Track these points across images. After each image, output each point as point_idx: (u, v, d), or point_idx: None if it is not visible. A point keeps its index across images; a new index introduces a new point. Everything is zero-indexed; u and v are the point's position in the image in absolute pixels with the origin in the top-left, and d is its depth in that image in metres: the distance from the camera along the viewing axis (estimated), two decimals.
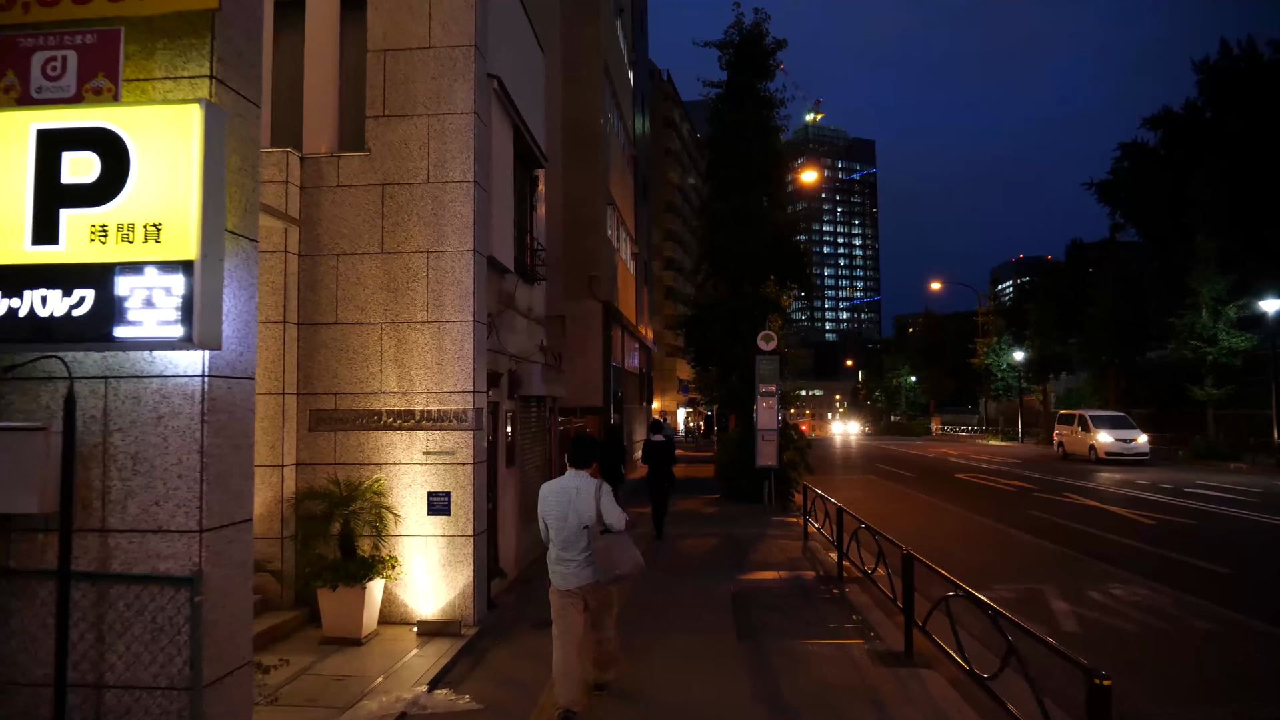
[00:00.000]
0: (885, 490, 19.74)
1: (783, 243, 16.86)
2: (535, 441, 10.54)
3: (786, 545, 11.48)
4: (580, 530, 4.97)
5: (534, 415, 10.49)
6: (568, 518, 4.98)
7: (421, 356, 7.24)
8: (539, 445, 10.75)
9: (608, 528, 5.01)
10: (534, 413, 10.49)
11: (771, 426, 14.89)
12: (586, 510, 4.96)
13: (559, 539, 5.05)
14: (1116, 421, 28.52)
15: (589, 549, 4.99)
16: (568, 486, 5.08)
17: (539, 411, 10.77)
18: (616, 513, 5.03)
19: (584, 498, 4.99)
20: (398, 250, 7.34)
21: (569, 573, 5.02)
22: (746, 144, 17.40)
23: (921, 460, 30.89)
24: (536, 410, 10.63)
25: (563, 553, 5.04)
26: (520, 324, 9.81)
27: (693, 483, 21.03)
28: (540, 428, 10.84)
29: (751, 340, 16.72)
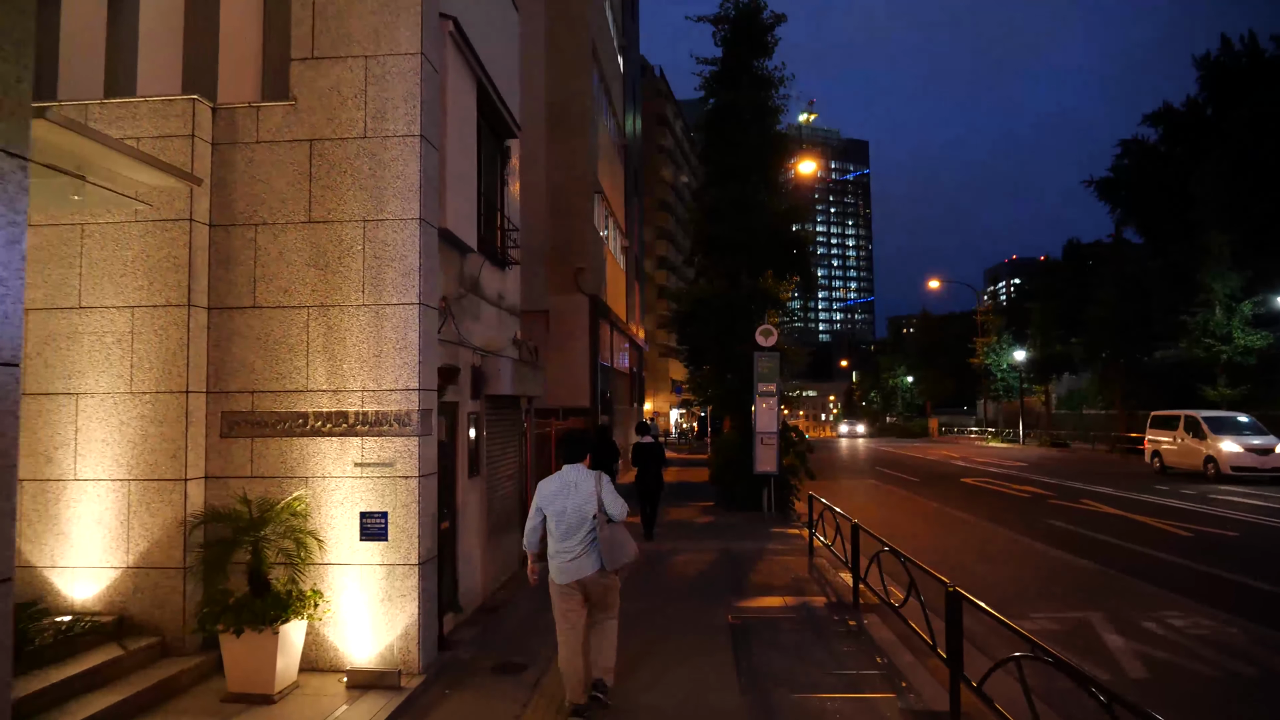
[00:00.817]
0: (890, 497, 18.54)
1: (782, 232, 15.64)
2: (507, 447, 9.29)
3: (790, 562, 10.25)
4: (581, 522, 4.99)
5: (505, 418, 9.24)
6: (567, 510, 5.01)
7: (356, 347, 5.99)
8: (512, 451, 9.50)
9: (610, 518, 5.03)
10: (505, 415, 9.24)
11: (771, 429, 13.67)
12: (588, 502, 5.00)
13: (558, 531, 5.04)
14: (1243, 426, 21.46)
15: (590, 540, 4.99)
16: (567, 480, 5.13)
17: (512, 413, 9.52)
18: (618, 503, 5.08)
19: (584, 489, 5.05)
20: (328, 219, 6.09)
21: (569, 566, 5.02)
22: (743, 126, 16.18)
23: (923, 463, 29.73)
24: (509, 412, 9.38)
25: (563, 546, 5.03)
26: (488, 313, 8.57)
27: (685, 488, 19.79)
28: (513, 432, 9.59)
29: (748, 336, 15.49)
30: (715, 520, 14.26)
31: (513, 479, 9.60)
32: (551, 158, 18.23)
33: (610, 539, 4.98)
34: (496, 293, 9.01)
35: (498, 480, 8.89)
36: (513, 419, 9.61)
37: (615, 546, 4.98)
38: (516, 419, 9.79)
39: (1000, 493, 18.82)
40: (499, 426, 8.98)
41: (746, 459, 15.26)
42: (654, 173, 77.37)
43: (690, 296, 16.12)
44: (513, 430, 9.63)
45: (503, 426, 9.15)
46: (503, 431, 9.15)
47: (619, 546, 5.00)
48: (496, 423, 8.86)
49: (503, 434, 9.15)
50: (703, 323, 15.53)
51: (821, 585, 8.92)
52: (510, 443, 9.50)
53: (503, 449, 9.13)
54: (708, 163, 16.85)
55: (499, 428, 8.98)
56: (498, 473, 8.90)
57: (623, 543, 5.03)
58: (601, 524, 4.98)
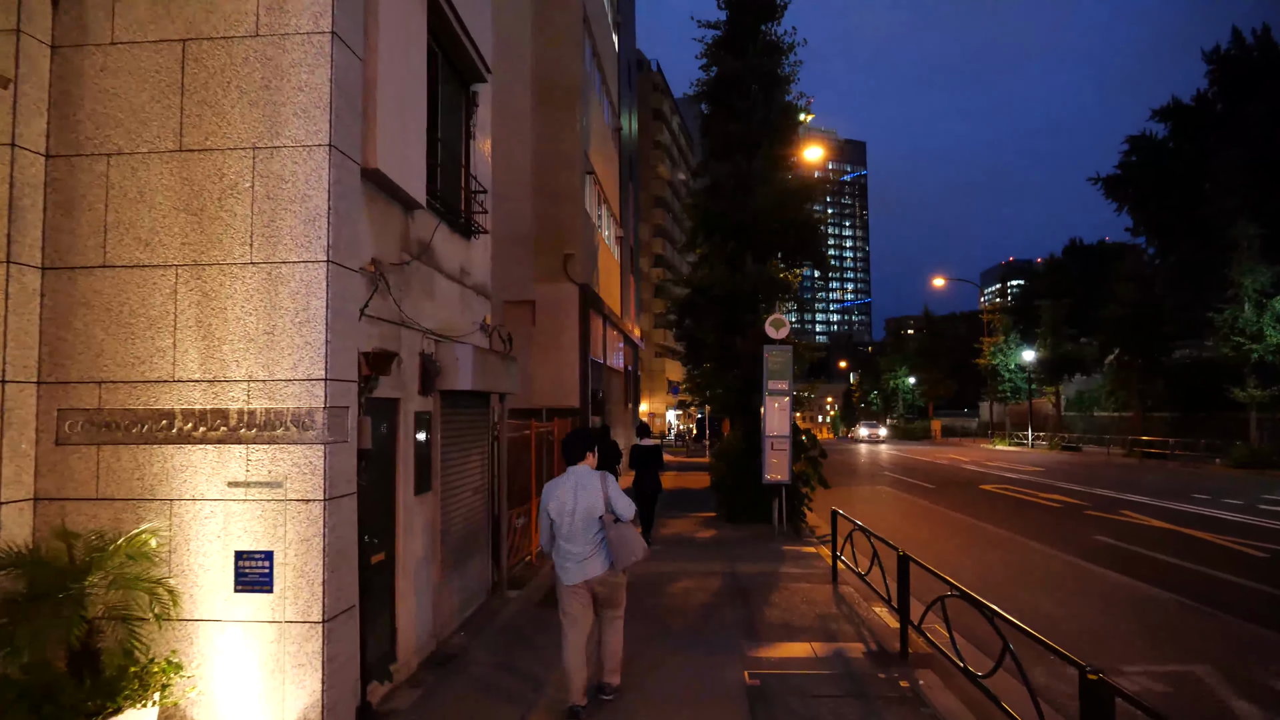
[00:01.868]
0: (910, 507, 16.94)
1: (792, 212, 14.02)
2: (471, 454, 7.66)
3: (811, 592, 8.63)
4: (588, 522, 4.97)
5: (469, 419, 7.62)
6: (575, 511, 4.96)
7: (241, 321, 4.37)
8: (476, 460, 7.87)
9: (617, 517, 5.01)
10: (469, 415, 7.61)
11: (783, 433, 12.06)
12: (594, 501, 4.98)
13: (563, 532, 5.02)
14: None
15: (598, 540, 4.99)
16: (571, 481, 5.06)
17: (477, 414, 7.89)
18: (624, 502, 5.07)
19: (590, 489, 5.01)
20: (206, 146, 4.47)
21: (575, 566, 4.99)
22: (749, 96, 14.58)
23: (933, 468, 28.14)
24: (473, 412, 7.75)
25: (568, 546, 5.00)
26: (445, 290, 6.94)
27: (683, 496, 18.16)
28: (479, 436, 7.96)
29: (753, 328, 13.90)
30: (718, 535, 12.64)
31: (480, 492, 7.97)
32: (539, 134, 16.62)
33: (618, 538, 4.97)
34: (458, 266, 7.38)
35: (458, 495, 7.25)
36: (479, 420, 7.98)
37: (624, 546, 4.98)
38: (484, 420, 8.15)
39: (1028, 502, 17.22)
40: (460, 429, 7.34)
41: (752, 466, 13.66)
42: (650, 169, 75.80)
43: (689, 284, 14.45)
44: (479, 434, 7.99)
45: (465, 429, 7.52)
46: (465, 435, 7.52)
47: (627, 546, 4.99)
48: (456, 425, 7.22)
49: (465, 438, 7.51)
50: (703, 314, 13.91)
51: (855, 625, 7.30)
52: (476, 449, 7.87)
53: (465, 457, 7.49)
54: (707, 135, 15.22)
55: (460, 431, 7.34)
56: (458, 486, 7.26)
57: (631, 542, 5.01)
58: (609, 524, 4.98)
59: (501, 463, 8.48)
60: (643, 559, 5.09)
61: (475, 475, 7.83)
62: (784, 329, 12.28)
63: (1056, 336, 40.17)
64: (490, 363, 7.39)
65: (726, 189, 13.95)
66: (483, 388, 7.15)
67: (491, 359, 7.47)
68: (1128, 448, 33.82)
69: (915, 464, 30.26)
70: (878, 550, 7.41)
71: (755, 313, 13.73)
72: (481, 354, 7.09)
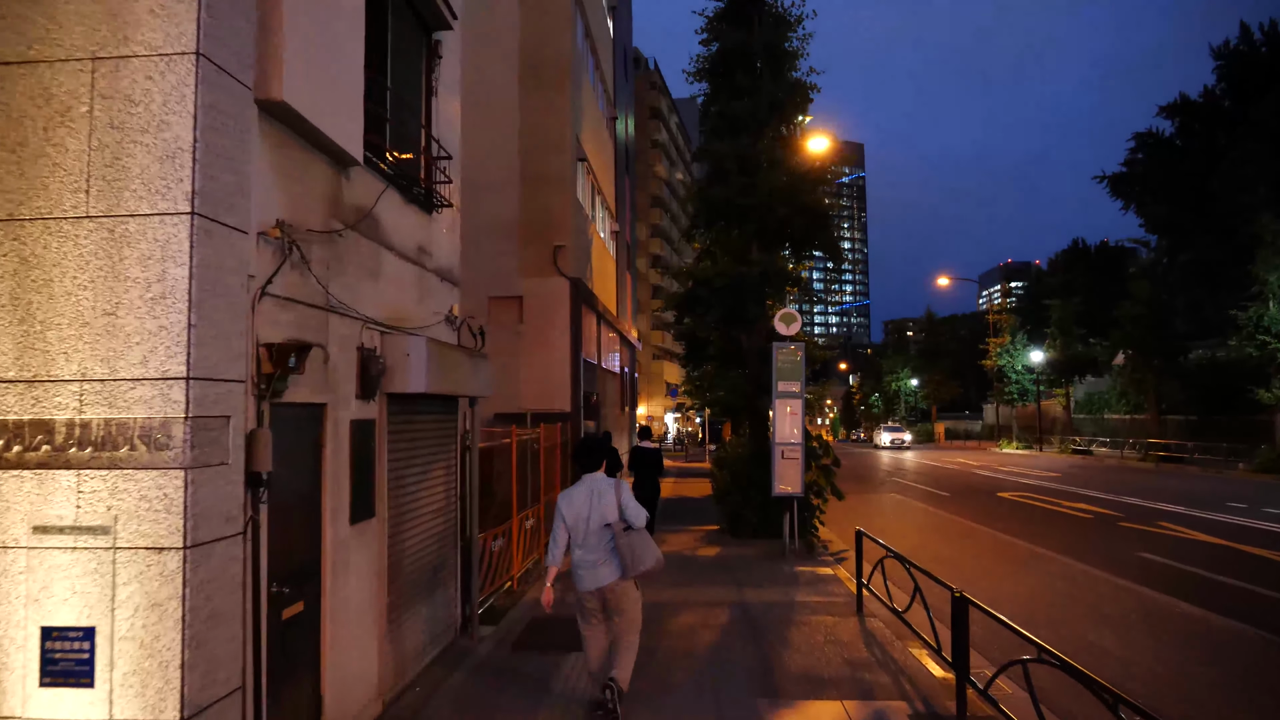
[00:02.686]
0: (925, 518, 15.71)
1: (802, 196, 12.80)
2: (430, 470, 6.42)
3: (834, 628, 7.40)
4: (602, 529, 4.99)
5: (428, 427, 6.39)
6: (590, 518, 4.99)
7: (72, 297, 3.14)
8: (440, 476, 6.63)
9: (630, 525, 5.03)
10: (428, 423, 6.38)
11: (794, 439, 10.83)
12: (609, 509, 5.00)
13: (578, 539, 5.04)
14: None
15: (609, 548, 4.99)
16: (586, 489, 5.09)
17: (438, 421, 6.65)
18: (636, 509, 5.09)
19: (605, 496, 5.05)
20: (29, 58, 3.24)
21: (589, 573, 5.01)
22: (754, 72, 13.37)
23: (944, 473, 26.93)
24: (434, 419, 6.52)
25: (582, 554, 5.03)
26: (396, 271, 5.72)
27: (683, 507, 16.93)
28: (442, 447, 6.72)
29: (758, 324, 12.69)
30: (722, 552, 11.41)
31: (444, 513, 6.73)
32: (527, 116, 15.40)
33: (628, 546, 4.97)
34: (415, 244, 6.16)
35: (414, 519, 6.02)
36: (443, 429, 6.74)
37: (634, 553, 4.97)
38: (449, 429, 6.91)
39: (1055, 512, 16.00)
40: (417, 440, 6.11)
41: (759, 476, 12.43)
42: (648, 168, 74.62)
43: (690, 276, 13.20)
44: (443, 445, 6.76)
45: (424, 440, 6.29)
46: (424, 447, 6.29)
47: (637, 553, 4.98)
48: (412, 435, 5.99)
49: (424, 451, 6.28)
50: (704, 309, 12.66)
51: (892, 673, 6.06)
52: (439, 463, 6.64)
53: (424, 473, 6.26)
54: (708, 116, 13.97)
55: (417, 442, 6.11)
56: (414, 508, 6.03)
57: (642, 549, 5.00)
58: (619, 532, 4.99)
59: (473, 477, 7.24)
60: (654, 568, 5.04)
61: (438, 494, 6.59)
62: (795, 324, 11.06)
63: (1067, 337, 38.97)
64: (454, 361, 6.15)
65: (729, 172, 12.73)
66: (443, 389, 5.91)
67: (456, 356, 6.23)
68: (1142, 452, 32.63)
69: (924, 469, 29.04)
70: (919, 583, 6.18)
71: (762, 306, 12.51)
72: (442, 350, 5.86)
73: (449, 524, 6.83)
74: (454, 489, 6.98)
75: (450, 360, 6.03)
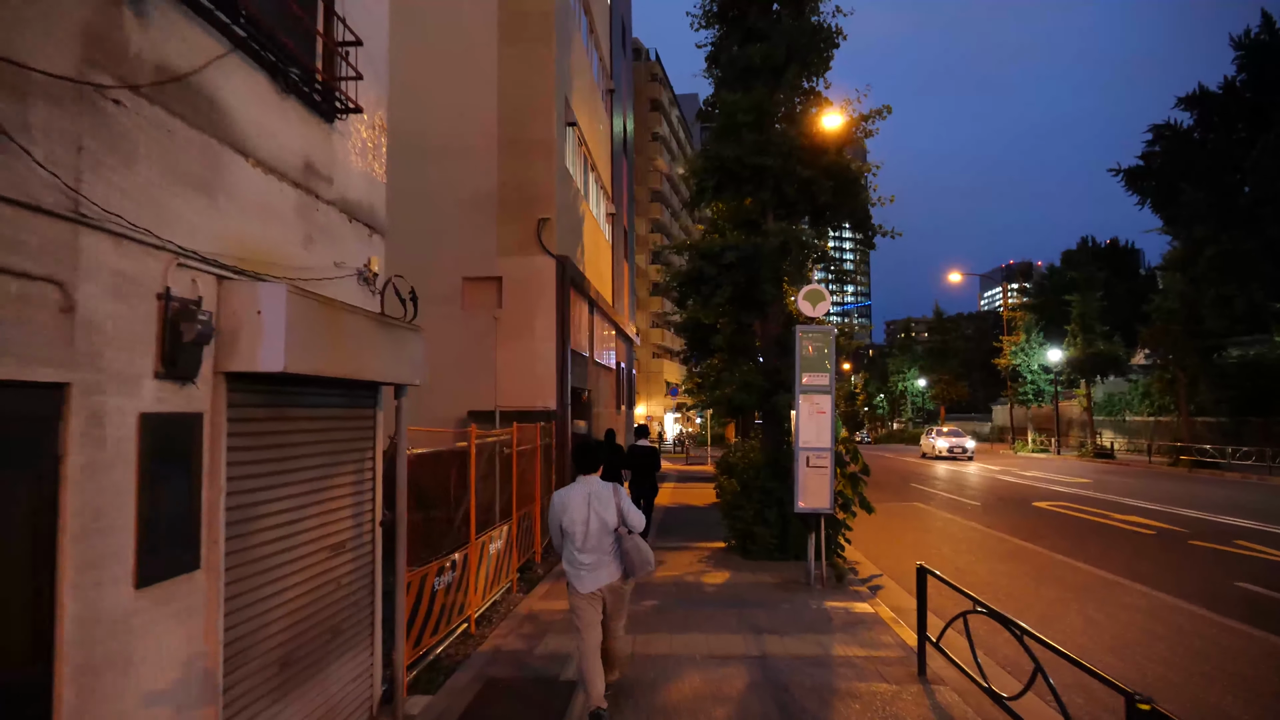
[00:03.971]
0: (960, 532, 13.75)
1: (826, 156, 10.85)
2: (328, 489, 4.47)
3: (893, 701, 5.45)
4: (603, 533, 5.01)
5: (318, 429, 4.43)
6: (589, 521, 5.00)
7: None
8: (343, 496, 4.67)
9: (630, 529, 5.08)
10: (318, 423, 4.43)
11: (823, 444, 8.87)
12: (609, 513, 5.02)
13: (579, 542, 5.03)
14: None
15: (611, 550, 5.04)
16: (584, 492, 5.08)
17: (343, 418, 4.70)
18: (636, 514, 5.14)
19: (604, 501, 5.05)
20: None
21: (589, 575, 5.03)
22: (770, 11, 11.41)
23: (965, 479, 24.97)
24: (332, 418, 4.57)
25: (583, 556, 5.03)
26: (257, 189, 3.79)
27: (684, 518, 14.99)
28: (348, 455, 4.76)
29: (774, 308, 10.76)
30: (732, 580, 9.46)
31: (347, 550, 4.77)
32: (507, 70, 13.47)
33: (634, 549, 5.05)
34: (298, 159, 4.22)
35: (283, 567, 4.06)
36: (343, 430, 4.78)
37: (638, 556, 5.05)
38: (355, 430, 4.95)
39: (1107, 527, 14.04)
40: (291, 447, 4.16)
41: (775, 486, 10.51)
42: (648, 161, 72.63)
43: (693, 251, 11.22)
44: (349, 452, 4.81)
45: (306, 446, 4.33)
46: (308, 457, 4.33)
47: (641, 556, 5.06)
48: (281, 439, 4.05)
49: (308, 462, 4.33)
50: (712, 288, 10.69)
51: None
52: (341, 478, 4.68)
53: (307, 495, 4.30)
54: (716, 64, 11.97)
55: (291, 449, 4.16)
56: (283, 550, 4.07)
57: (644, 553, 5.08)
58: (624, 535, 5.04)
59: (399, 495, 5.29)
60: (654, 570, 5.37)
61: (340, 523, 4.64)
62: (824, 303, 9.12)
63: (1089, 333, 36.97)
64: (353, 330, 4.20)
65: (742, 127, 10.76)
66: (333, 370, 3.97)
67: (357, 324, 4.28)
68: (1172, 456, 30.67)
69: (943, 475, 27.04)
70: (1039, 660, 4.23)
71: (779, 286, 10.58)
72: (328, 312, 3.91)
73: (360, 563, 4.88)
74: (368, 513, 5.02)
75: (345, 328, 4.09)
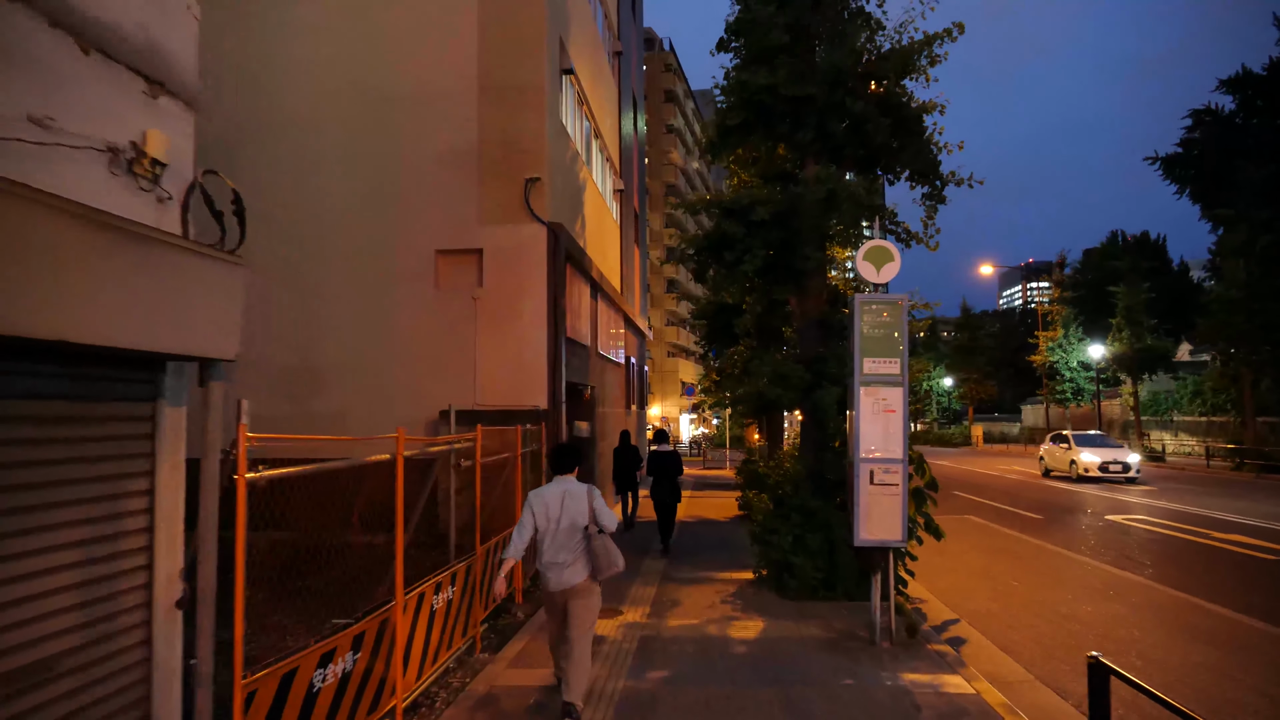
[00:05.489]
0: (1030, 554, 11.36)
1: (883, 89, 8.55)
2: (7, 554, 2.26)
3: None
4: (573, 531, 5.07)
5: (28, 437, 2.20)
6: (560, 520, 5.06)
7: None
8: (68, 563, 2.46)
9: (601, 529, 5.11)
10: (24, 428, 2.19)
11: (893, 455, 6.57)
12: (580, 512, 5.09)
13: (550, 541, 5.08)
14: None
15: (580, 550, 5.08)
16: (559, 491, 5.16)
17: (80, 423, 2.48)
18: (608, 515, 5.17)
19: (577, 500, 5.12)
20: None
21: (560, 574, 5.07)
22: None
23: (1013, 487, 22.50)
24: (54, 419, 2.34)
25: (553, 555, 5.08)
26: None
27: (701, 535, 12.71)
28: (97, 492, 2.55)
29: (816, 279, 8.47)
30: (767, 632, 7.15)
31: (71, 675, 2.53)
32: (488, 6, 11.26)
33: (602, 549, 5.06)
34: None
35: None
36: (84, 441, 2.53)
37: (606, 557, 5.06)
38: (115, 440, 2.70)
39: (1212, 549, 11.61)
40: None
41: (818, 505, 8.22)
42: (662, 154, 70.42)
43: (714, 208, 8.88)
44: (88, 484, 2.56)
45: None
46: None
47: (609, 557, 5.08)
48: None
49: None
50: (738, 253, 8.36)
51: None
52: (61, 531, 2.44)
53: None
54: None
55: None
56: None
57: (612, 554, 5.10)
58: (593, 534, 5.07)
59: (205, 545, 3.04)
60: (621, 570, 5.18)
61: (57, 616, 2.40)
62: (892, 265, 6.81)
63: (1136, 327, 34.31)
64: (70, 250, 1.95)
65: (775, 50, 8.45)
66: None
67: (79, 240, 2.02)
68: (1235, 460, 28.02)
69: (985, 481, 24.55)
70: None
71: (822, 248, 8.29)
72: None
73: (112, 686, 2.64)
74: (136, 590, 2.78)
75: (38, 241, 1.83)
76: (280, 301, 11.27)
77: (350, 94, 11.49)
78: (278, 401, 11.11)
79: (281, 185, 11.41)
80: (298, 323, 11.30)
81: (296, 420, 10.81)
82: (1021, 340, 60.35)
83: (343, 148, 11.44)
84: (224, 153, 11.75)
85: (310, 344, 11.28)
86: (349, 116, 11.47)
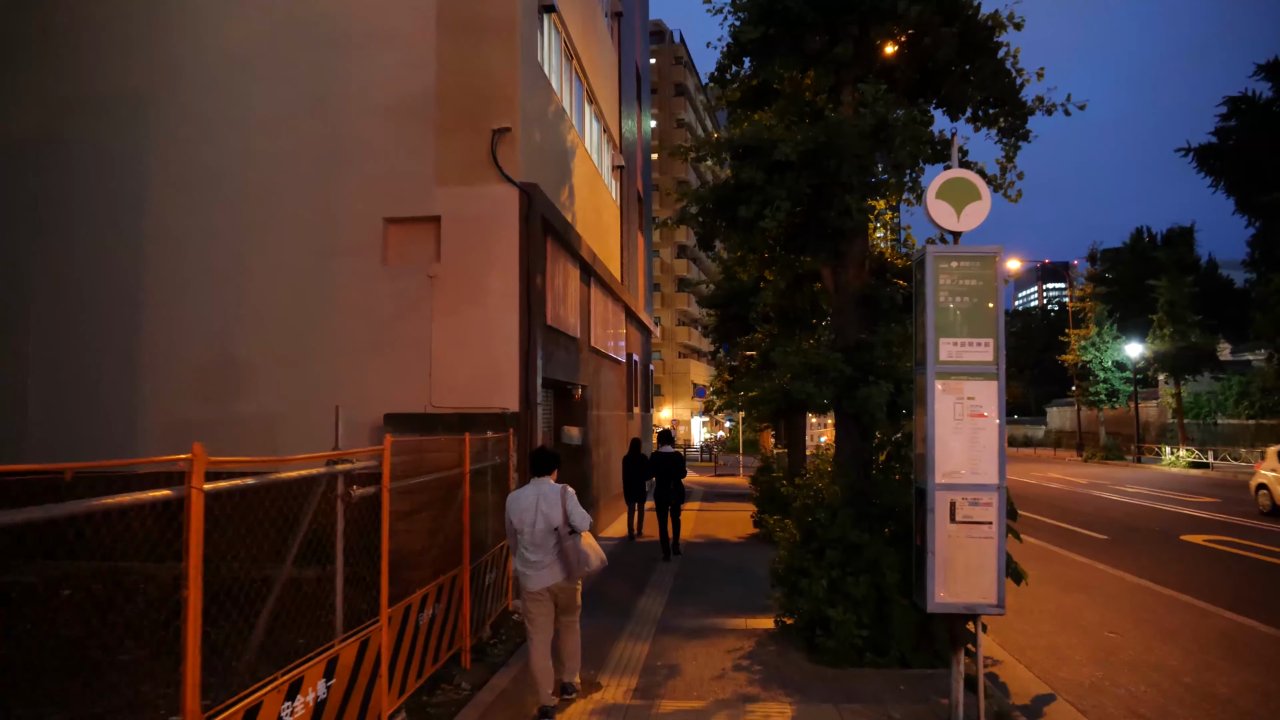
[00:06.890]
0: (1111, 588, 9.22)
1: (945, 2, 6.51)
2: None
3: None
4: (548, 532, 5.12)
5: None
6: (536, 522, 5.12)
7: None
8: None
9: (573, 529, 5.14)
10: None
11: (985, 480, 4.50)
12: (554, 513, 5.13)
13: (527, 542, 5.15)
14: None
15: (557, 550, 5.14)
16: (534, 493, 5.21)
17: None
18: (581, 515, 5.21)
19: (550, 502, 5.16)
20: None
21: (536, 574, 5.14)
22: None
23: (1061, 498, 20.29)
24: None
25: (530, 555, 5.15)
26: None
27: (711, 560, 10.65)
28: None
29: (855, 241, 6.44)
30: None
31: None
32: None
33: (574, 549, 5.13)
34: None
35: None
36: None
37: (578, 556, 5.14)
38: None
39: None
40: None
41: (862, 540, 6.16)
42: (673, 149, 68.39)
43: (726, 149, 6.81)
44: None
45: None
46: None
47: (581, 556, 5.14)
48: None
49: None
50: (757, 206, 6.29)
51: None
52: None
53: None
54: None
55: None
56: None
57: (585, 553, 5.16)
58: (564, 536, 5.13)
59: None
60: (598, 567, 5.23)
61: None
62: (978, 205, 4.73)
63: (1178, 324, 31.95)
64: None
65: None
66: None
67: None
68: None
69: (1020, 489, 22.29)
70: None
71: (867, 200, 6.21)
72: None
73: None
74: None
75: None
76: (193, 281, 9.31)
77: (284, 30, 9.53)
78: (191, 403, 9.16)
79: (199, 140, 9.47)
80: (215, 307, 9.33)
81: (217, 426, 8.84)
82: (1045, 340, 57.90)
83: (273, 94, 9.48)
84: (136, 102, 9.82)
85: (231, 333, 9.31)
86: (281, 56, 9.51)
